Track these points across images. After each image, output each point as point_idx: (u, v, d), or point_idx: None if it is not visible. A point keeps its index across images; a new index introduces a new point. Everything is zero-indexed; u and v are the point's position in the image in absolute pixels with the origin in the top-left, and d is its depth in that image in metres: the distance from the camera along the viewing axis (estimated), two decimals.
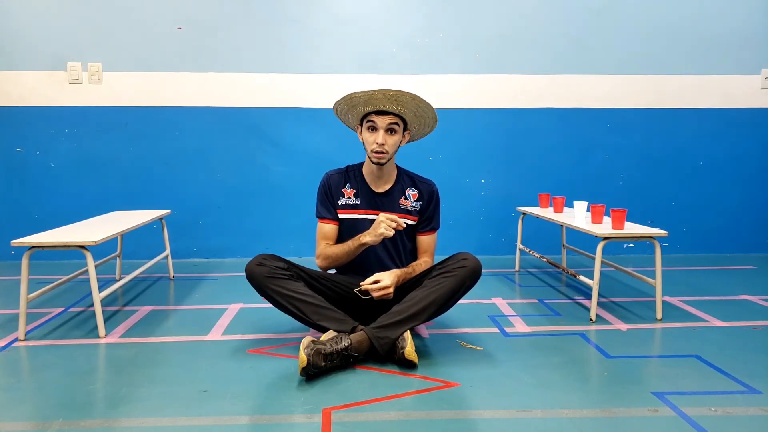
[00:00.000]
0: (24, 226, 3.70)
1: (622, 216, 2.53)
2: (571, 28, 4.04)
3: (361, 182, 2.29)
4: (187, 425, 1.57)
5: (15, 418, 1.61)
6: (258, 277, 2.06)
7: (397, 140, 2.17)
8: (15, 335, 2.32)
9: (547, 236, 3.99)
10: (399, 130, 2.17)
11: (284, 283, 2.07)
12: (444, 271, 2.07)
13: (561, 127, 4.10)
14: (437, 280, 2.06)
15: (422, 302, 2.01)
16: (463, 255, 2.10)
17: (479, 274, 2.08)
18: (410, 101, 2.09)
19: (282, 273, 2.08)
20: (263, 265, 2.07)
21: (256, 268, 2.07)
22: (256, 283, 2.07)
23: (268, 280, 2.05)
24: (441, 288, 2.03)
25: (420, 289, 2.06)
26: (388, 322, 1.98)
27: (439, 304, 2.03)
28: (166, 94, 3.93)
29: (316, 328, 2.08)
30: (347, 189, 2.28)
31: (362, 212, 2.27)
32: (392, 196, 2.28)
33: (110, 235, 2.35)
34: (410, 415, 1.63)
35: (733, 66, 4.11)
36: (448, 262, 2.11)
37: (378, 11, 3.98)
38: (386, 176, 2.27)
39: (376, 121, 2.13)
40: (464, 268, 2.04)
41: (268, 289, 2.06)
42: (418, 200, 2.30)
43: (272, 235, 4.00)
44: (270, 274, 2.06)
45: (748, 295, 2.97)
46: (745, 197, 4.20)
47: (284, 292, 2.05)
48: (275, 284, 2.06)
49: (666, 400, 1.71)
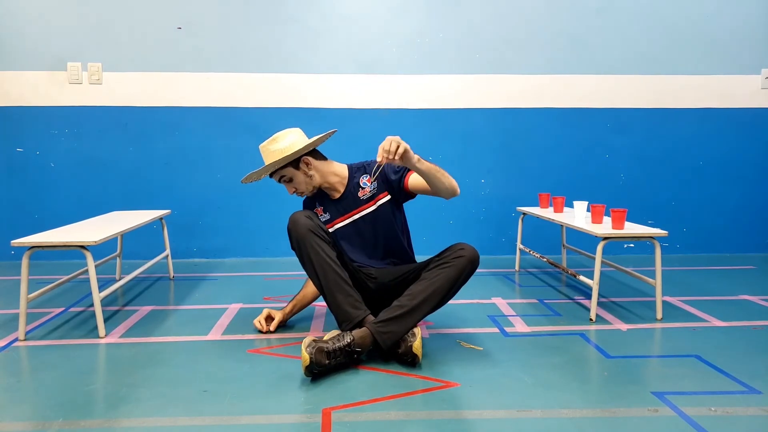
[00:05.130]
0: (24, 226, 3.70)
1: (622, 216, 2.53)
2: (571, 28, 4.04)
3: (324, 198, 2.36)
4: (187, 425, 1.57)
5: (15, 418, 1.61)
6: (302, 228, 2.04)
7: (300, 178, 2.27)
8: (15, 335, 2.32)
9: (547, 236, 3.99)
10: (291, 173, 2.27)
11: (324, 245, 2.06)
12: (442, 262, 2.08)
13: (561, 127, 4.10)
14: (436, 271, 2.06)
15: (422, 294, 2.01)
16: (460, 245, 2.11)
17: (477, 264, 2.08)
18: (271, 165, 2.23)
19: (324, 235, 2.09)
20: (311, 219, 2.07)
21: (303, 218, 2.06)
22: (299, 233, 2.05)
23: (311, 235, 2.04)
24: (440, 279, 2.03)
25: (419, 282, 2.06)
26: (389, 317, 1.98)
27: (439, 295, 2.04)
28: (166, 94, 3.93)
29: (329, 304, 2.07)
30: (318, 208, 2.36)
31: (336, 221, 2.32)
32: (350, 194, 2.30)
33: (110, 235, 2.35)
34: (410, 415, 1.63)
35: (733, 66, 4.11)
36: (446, 254, 2.11)
37: (378, 11, 3.98)
38: (335, 184, 2.31)
39: (275, 179, 2.32)
40: (462, 258, 2.05)
41: (307, 244, 2.04)
42: (373, 182, 2.27)
43: (272, 235, 4.00)
44: (314, 230, 2.05)
45: (748, 295, 2.97)
46: (745, 197, 4.20)
47: (320, 252, 2.04)
48: (316, 242, 2.04)
49: (666, 400, 1.71)
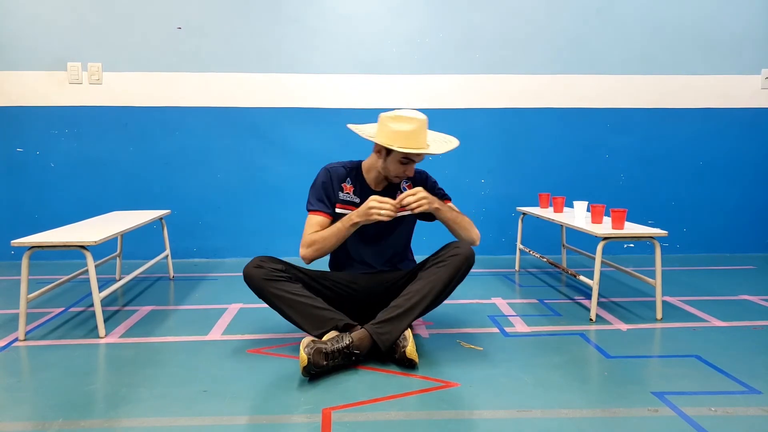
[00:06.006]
0: (24, 226, 3.70)
1: (622, 216, 2.53)
2: (571, 28, 4.04)
3: (360, 181, 2.27)
4: (187, 425, 1.57)
5: (15, 418, 1.61)
6: (256, 280, 2.05)
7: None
8: (15, 335, 2.32)
9: (547, 236, 3.99)
10: None
11: (282, 285, 2.06)
12: (438, 261, 2.09)
13: (561, 127, 4.10)
14: (432, 270, 2.07)
15: (419, 294, 2.02)
16: (456, 244, 2.11)
17: (473, 261, 2.09)
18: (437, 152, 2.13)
19: (280, 275, 2.07)
20: (261, 268, 2.06)
21: (254, 270, 2.06)
22: (255, 285, 2.07)
23: (266, 283, 2.05)
24: (437, 278, 2.04)
25: (416, 282, 2.07)
26: (387, 317, 1.98)
27: (435, 293, 2.04)
28: (166, 94, 3.93)
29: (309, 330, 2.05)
30: (347, 184, 2.26)
31: None
32: (390, 193, 2.28)
33: (110, 235, 2.35)
34: (410, 415, 1.63)
35: (733, 66, 4.10)
36: (441, 252, 2.12)
37: (378, 11, 3.98)
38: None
39: (414, 159, 2.13)
40: (457, 256, 2.06)
41: (267, 292, 2.05)
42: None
43: (272, 235, 4.00)
44: (268, 277, 2.05)
45: (748, 295, 2.97)
46: (745, 197, 4.20)
47: (282, 295, 2.04)
48: (273, 287, 2.05)
49: (666, 400, 1.71)
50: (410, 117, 2.06)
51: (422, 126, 2.08)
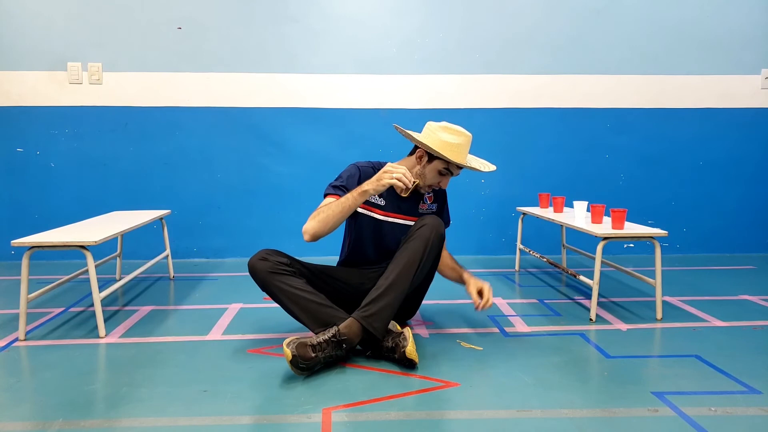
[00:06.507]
0: (24, 226, 3.70)
1: (622, 216, 2.54)
2: (571, 28, 4.04)
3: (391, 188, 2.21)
4: (187, 425, 1.57)
5: (15, 418, 1.61)
6: (260, 272, 2.05)
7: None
8: (15, 335, 2.32)
9: (547, 236, 3.99)
10: None
11: (286, 279, 2.06)
12: (407, 238, 2.11)
13: (561, 127, 4.10)
14: (403, 247, 2.09)
15: (395, 271, 2.02)
16: (422, 219, 2.13)
17: (441, 230, 2.10)
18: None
19: (284, 269, 2.08)
20: (266, 260, 2.06)
21: (259, 263, 2.06)
22: (259, 278, 2.07)
23: (271, 276, 2.05)
24: (408, 252, 2.05)
25: (392, 262, 2.08)
26: (369, 300, 2.00)
27: (411, 267, 2.03)
28: (166, 94, 3.93)
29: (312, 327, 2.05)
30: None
31: (386, 214, 2.26)
32: (414, 201, 2.31)
33: (110, 235, 2.35)
34: (410, 415, 1.63)
35: (733, 66, 4.11)
36: (410, 230, 2.13)
37: (378, 11, 3.98)
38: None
39: (454, 173, 2.21)
40: (424, 227, 2.08)
41: (271, 285, 2.05)
42: (434, 202, 2.36)
43: (272, 235, 4.00)
44: (272, 270, 2.05)
45: (748, 295, 2.97)
46: (745, 197, 4.20)
47: (286, 289, 2.04)
48: (278, 280, 2.05)
49: (666, 400, 1.71)
50: (459, 130, 2.14)
51: (468, 142, 2.16)
